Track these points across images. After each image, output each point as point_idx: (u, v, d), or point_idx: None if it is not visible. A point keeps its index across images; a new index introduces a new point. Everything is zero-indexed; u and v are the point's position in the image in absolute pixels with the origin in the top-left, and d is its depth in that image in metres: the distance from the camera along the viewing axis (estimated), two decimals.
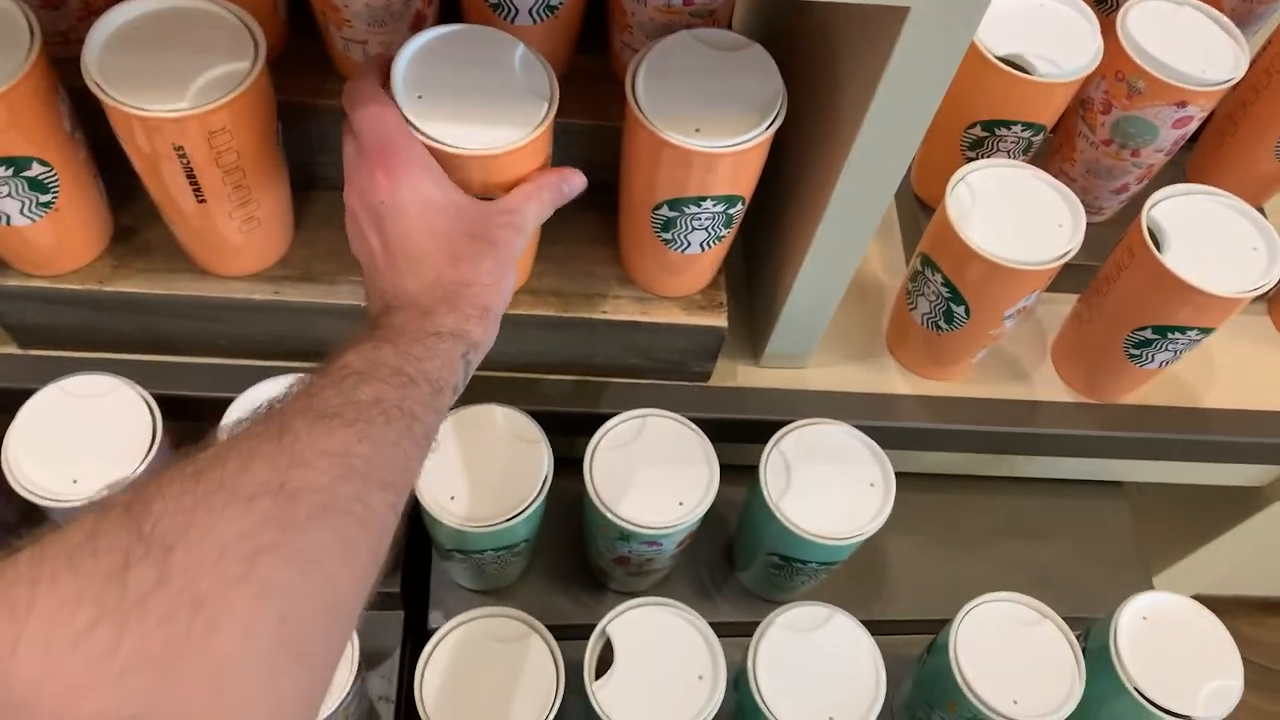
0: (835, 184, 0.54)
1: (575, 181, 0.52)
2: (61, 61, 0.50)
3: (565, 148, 0.55)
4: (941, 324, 0.65)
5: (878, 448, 0.63)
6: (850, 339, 0.72)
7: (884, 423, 0.68)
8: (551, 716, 0.56)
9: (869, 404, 0.69)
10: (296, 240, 0.62)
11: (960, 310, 0.63)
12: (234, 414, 0.58)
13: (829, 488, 0.61)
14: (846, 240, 0.58)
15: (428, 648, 0.58)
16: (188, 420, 0.61)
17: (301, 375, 0.41)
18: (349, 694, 0.56)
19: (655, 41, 0.53)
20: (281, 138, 0.55)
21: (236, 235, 0.56)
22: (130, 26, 0.49)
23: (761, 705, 0.57)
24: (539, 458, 0.60)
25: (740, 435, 0.67)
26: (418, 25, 0.55)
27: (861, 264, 0.65)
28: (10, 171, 0.50)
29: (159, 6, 0.50)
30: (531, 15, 0.55)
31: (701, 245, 0.58)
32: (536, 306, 0.62)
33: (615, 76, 0.62)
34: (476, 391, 0.65)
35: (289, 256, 0.61)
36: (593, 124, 0.59)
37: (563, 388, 0.67)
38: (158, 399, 0.58)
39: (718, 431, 0.62)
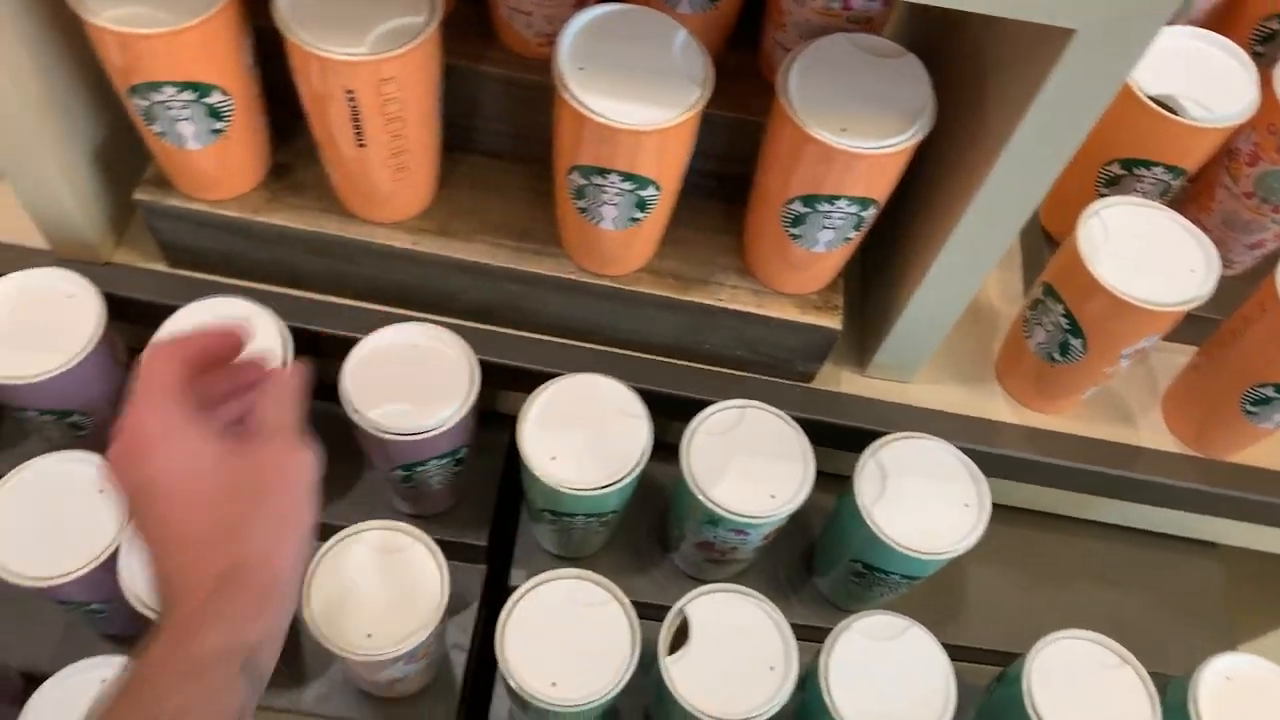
0: (969, 204, 0.55)
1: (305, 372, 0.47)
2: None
3: (704, 136, 0.56)
4: (1056, 355, 0.65)
5: (977, 470, 0.63)
6: (958, 359, 0.72)
7: (983, 447, 0.68)
8: (624, 683, 0.57)
9: (970, 427, 0.69)
10: (439, 197, 0.64)
11: (1078, 343, 0.62)
12: (354, 358, 0.61)
13: (923, 502, 0.62)
14: (971, 262, 0.59)
15: (512, 599, 0.59)
16: (316, 355, 0.65)
17: None
18: (431, 634, 0.58)
19: (811, 40, 0.54)
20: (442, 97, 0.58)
21: (387, 183, 0.59)
22: None
23: (830, 706, 0.58)
24: (640, 432, 0.61)
25: (835, 440, 0.67)
26: (582, 1, 0.57)
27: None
28: (194, 96, 0.54)
29: None
30: (691, 4, 0.57)
31: (828, 245, 0.59)
32: (656, 286, 0.63)
33: (761, 73, 0.63)
34: (584, 361, 0.67)
35: (430, 210, 0.64)
36: (735, 117, 0.61)
37: (665, 369, 0.69)
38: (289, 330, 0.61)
39: (813, 434, 0.63)
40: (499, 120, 0.64)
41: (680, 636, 0.60)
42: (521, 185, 0.66)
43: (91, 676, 0.57)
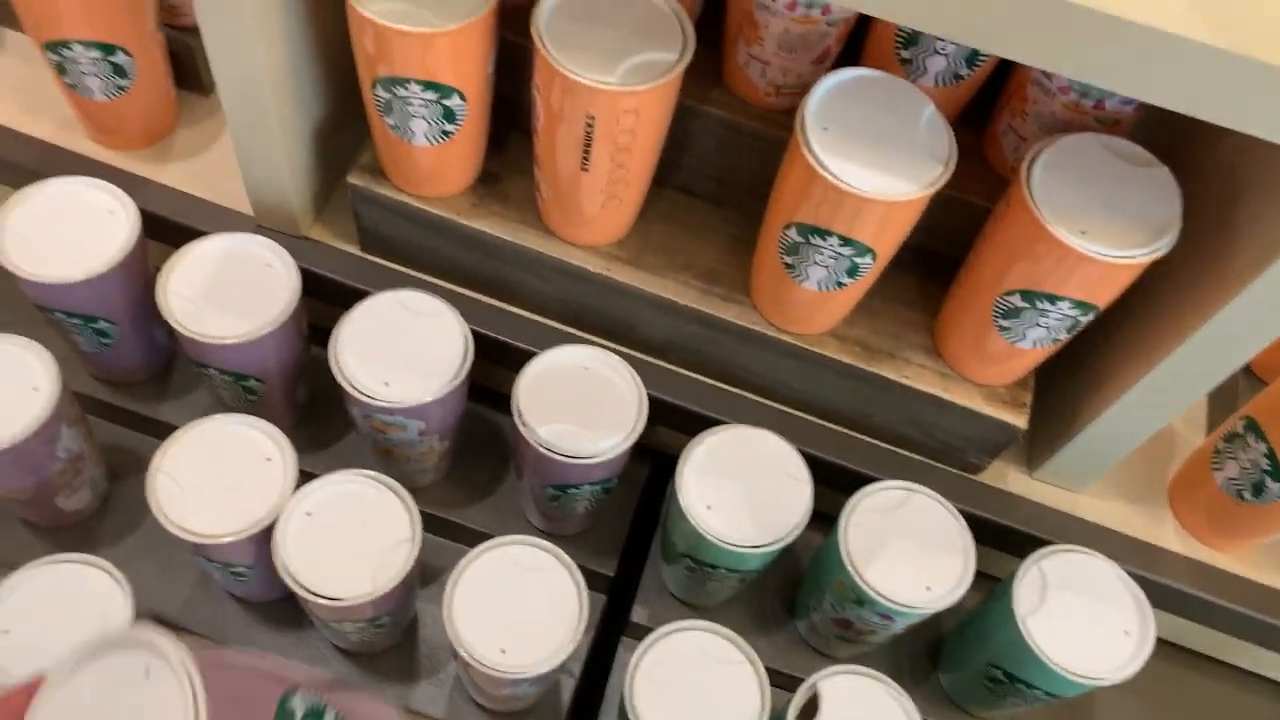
0: (1196, 330, 0.52)
1: None
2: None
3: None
4: (1246, 494, 0.61)
5: (1145, 600, 0.60)
6: (1130, 477, 0.69)
7: (1144, 572, 0.65)
8: None
9: (1134, 549, 0.66)
10: (636, 228, 0.64)
11: (1276, 487, 0.59)
12: (530, 371, 0.61)
13: (1083, 621, 0.59)
14: (1182, 388, 0.56)
15: (644, 644, 0.58)
16: (490, 361, 0.65)
17: None
18: (566, 661, 0.57)
19: (1061, 136, 0.52)
20: None
21: (595, 208, 0.59)
22: None
23: None
24: (802, 496, 0.60)
25: (992, 539, 0.65)
26: (822, 59, 0.57)
27: None
28: (435, 97, 0.54)
29: None
30: (937, 79, 0.56)
31: (1035, 342, 0.57)
32: (840, 352, 0.62)
33: (983, 154, 0.62)
34: (747, 412, 0.66)
35: (626, 240, 0.64)
36: (951, 194, 0.59)
37: (829, 435, 0.67)
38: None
39: (972, 528, 0.61)
40: (708, 162, 0.64)
41: (806, 712, 0.58)
42: (716, 228, 0.65)
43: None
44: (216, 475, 0.59)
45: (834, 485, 0.65)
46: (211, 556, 0.60)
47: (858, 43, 0.58)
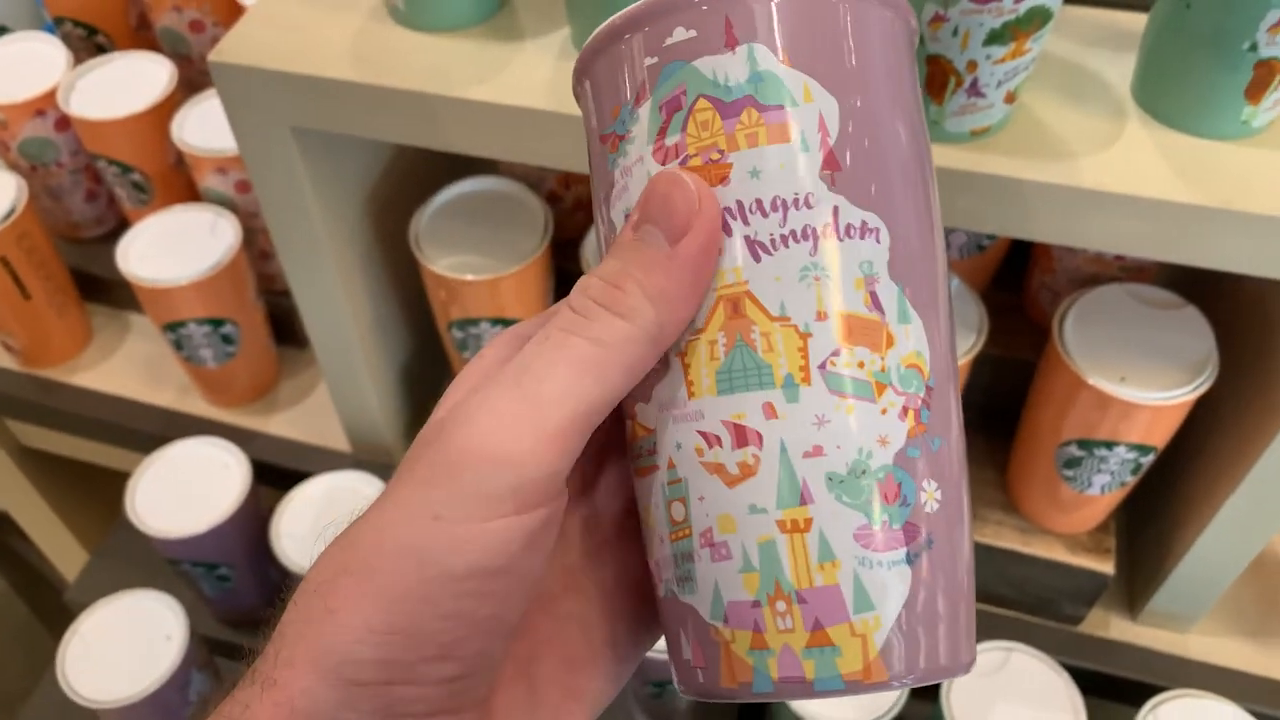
0: (1257, 459, 0.52)
1: None
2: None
3: (969, 372, 0.58)
4: None
5: None
6: (1240, 609, 0.67)
7: (1269, 710, 0.62)
8: None
9: (1256, 688, 0.64)
10: None
11: None
12: None
13: None
14: (1262, 513, 0.56)
15: None
16: None
17: None
18: None
19: (1088, 290, 0.55)
20: None
21: None
22: None
23: None
24: None
25: (1101, 690, 0.63)
26: None
27: None
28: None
29: None
30: (960, 251, 0.59)
31: (1102, 488, 0.57)
32: None
33: (1025, 312, 0.65)
34: None
35: None
36: (999, 354, 0.62)
37: None
38: None
39: (1080, 682, 0.59)
40: None
41: None
42: None
43: None
44: None
45: None
46: None
47: None
